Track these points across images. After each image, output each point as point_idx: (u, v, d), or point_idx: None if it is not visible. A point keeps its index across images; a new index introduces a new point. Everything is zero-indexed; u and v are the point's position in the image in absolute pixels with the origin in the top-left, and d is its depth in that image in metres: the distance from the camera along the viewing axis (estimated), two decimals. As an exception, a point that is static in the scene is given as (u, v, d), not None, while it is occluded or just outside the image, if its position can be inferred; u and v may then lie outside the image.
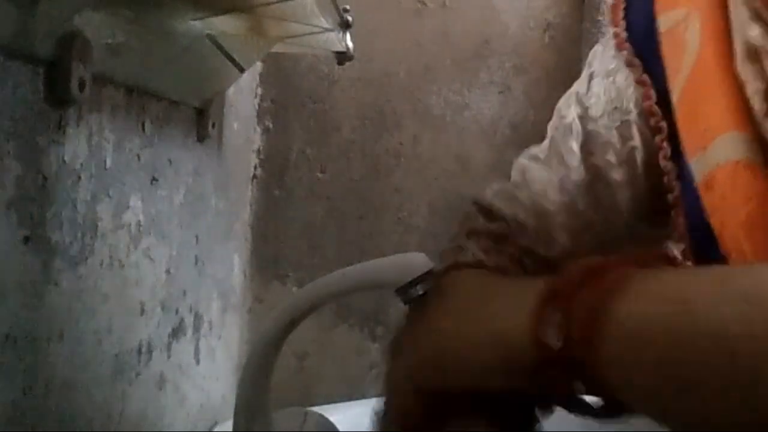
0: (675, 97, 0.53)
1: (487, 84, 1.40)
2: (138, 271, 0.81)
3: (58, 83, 0.61)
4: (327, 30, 0.89)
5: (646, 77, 0.56)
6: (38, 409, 0.63)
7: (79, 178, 0.68)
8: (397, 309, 0.55)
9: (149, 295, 0.85)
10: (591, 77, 0.60)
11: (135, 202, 0.80)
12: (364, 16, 1.24)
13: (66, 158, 0.65)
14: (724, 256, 0.47)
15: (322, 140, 1.38)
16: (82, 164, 0.68)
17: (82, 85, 0.63)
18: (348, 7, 0.91)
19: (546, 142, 0.62)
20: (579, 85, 0.62)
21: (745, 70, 0.48)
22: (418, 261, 0.55)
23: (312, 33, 0.90)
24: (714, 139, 0.48)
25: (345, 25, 0.92)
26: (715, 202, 0.48)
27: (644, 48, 0.56)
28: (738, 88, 0.48)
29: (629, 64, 0.57)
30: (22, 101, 0.58)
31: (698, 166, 0.50)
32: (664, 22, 0.55)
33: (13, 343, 0.59)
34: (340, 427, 0.64)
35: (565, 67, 1.37)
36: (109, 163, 0.73)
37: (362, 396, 1.14)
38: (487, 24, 1.40)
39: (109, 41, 0.68)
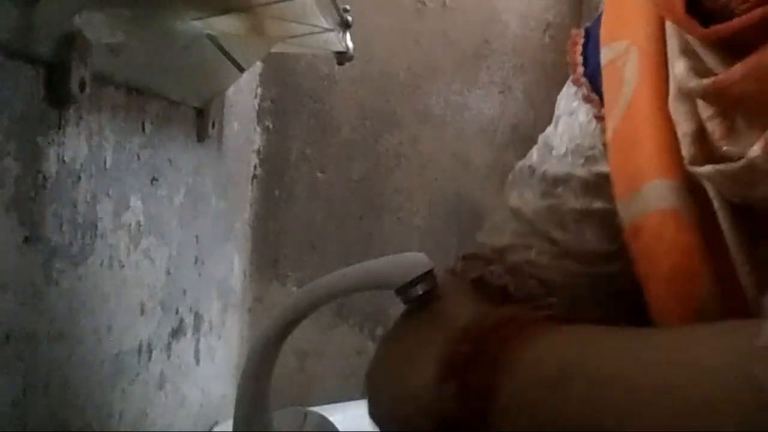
0: (608, 136, 0.51)
1: (487, 84, 1.40)
2: (138, 271, 0.81)
3: (58, 83, 0.61)
4: (327, 30, 0.89)
5: (604, 112, 0.54)
6: (38, 409, 0.63)
7: (79, 178, 0.68)
8: (397, 309, 0.55)
9: (149, 295, 0.85)
10: (557, 119, 0.60)
11: (135, 202, 0.80)
12: (364, 16, 1.24)
13: (66, 158, 0.65)
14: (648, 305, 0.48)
15: (322, 140, 1.38)
16: (82, 164, 0.68)
17: (82, 85, 0.63)
18: (348, 7, 0.91)
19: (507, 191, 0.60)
20: (548, 129, 0.60)
21: (676, 111, 0.46)
22: (418, 261, 0.55)
23: (312, 33, 0.90)
24: (642, 186, 0.48)
25: (345, 25, 0.92)
26: (641, 250, 0.48)
27: (601, 88, 0.55)
28: (670, 130, 0.47)
29: (587, 100, 0.56)
30: (22, 101, 0.58)
31: (626, 213, 0.49)
32: (605, 53, 0.53)
33: (14, 343, 0.59)
34: (340, 427, 0.64)
35: (565, 67, 1.36)
36: (109, 163, 0.73)
37: (362, 396, 1.14)
38: (487, 24, 1.40)
39: (109, 41, 0.68)
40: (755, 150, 0.41)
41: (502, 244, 0.57)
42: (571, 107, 0.58)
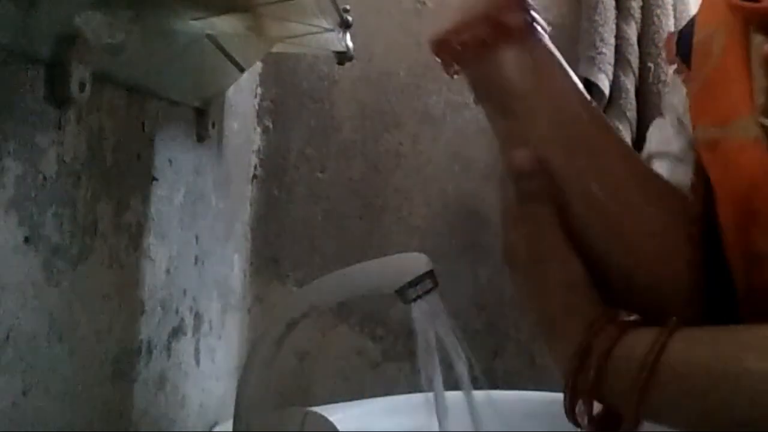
0: (696, 86, 0.56)
1: (487, 84, 1.40)
2: (138, 271, 0.81)
3: (58, 83, 0.61)
4: (327, 30, 0.89)
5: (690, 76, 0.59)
6: (38, 409, 0.63)
7: (79, 178, 0.68)
8: (398, 309, 0.55)
9: (149, 295, 0.85)
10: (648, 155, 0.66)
11: (135, 202, 0.80)
12: (364, 16, 1.24)
13: (66, 158, 0.65)
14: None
15: (322, 140, 1.38)
16: (82, 164, 0.68)
17: (82, 85, 0.63)
18: (348, 7, 0.91)
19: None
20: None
21: (757, 72, 0.51)
22: (418, 261, 0.55)
23: (312, 33, 0.90)
24: (735, 116, 0.52)
25: (345, 25, 0.92)
26: (720, 160, 0.52)
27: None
28: (750, 86, 0.52)
29: (678, 72, 0.61)
30: (22, 101, 0.58)
31: (705, 133, 0.54)
32: (697, 33, 0.59)
33: (13, 343, 0.59)
34: (340, 427, 0.64)
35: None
36: (109, 163, 0.73)
37: (362, 396, 1.14)
38: (487, 24, 1.40)
39: (109, 41, 0.68)
40: None
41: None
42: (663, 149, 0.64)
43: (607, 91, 1.30)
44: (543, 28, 0.56)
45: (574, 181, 0.54)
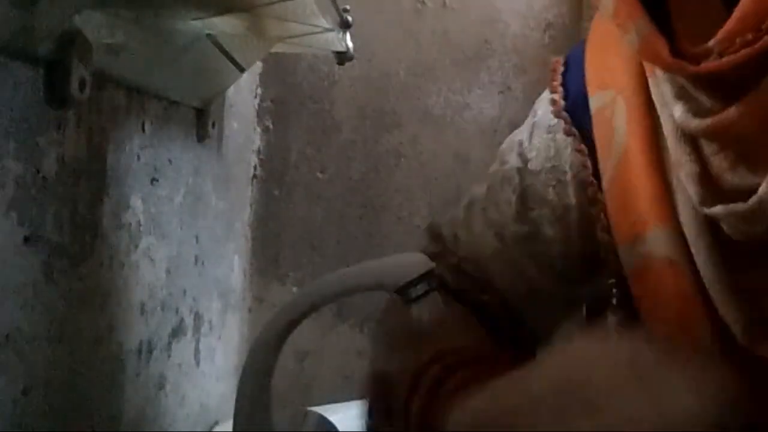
0: (605, 183, 0.55)
1: (487, 84, 1.40)
2: (138, 271, 0.81)
3: (58, 83, 0.61)
4: (327, 30, 0.89)
5: (583, 147, 0.57)
6: (38, 409, 0.63)
7: (79, 178, 0.68)
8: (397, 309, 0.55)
9: (149, 295, 0.85)
10: (533, 127, 0.62)
11: (135, 202, 0.80)
12: (364, 16, 1.24)
13: (66, 158, 0.65)
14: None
15: (322, 140, 1.38)
16: (82, 164, 0.68)
17: (82, 85, 0.63)
18: (348, 7, 0.91)
19: (484, 188, 0.64)
20: (522, 133, 0.63)
21: (677, 153, 0.49)
22: (418, 261, 0.55)
23: (312, 33, 0.90)
24: (646, 233, 0.51)
25: (345, 25, 0.92)
26: (647, 293, 0.52)
27: (581, 119, 0.57)
28: (663, 179, 0.50)
29: (567, 133, 0.58)
30: (22, 101, 0.58)
31: (628, 256, 0.53)
32: (594, 101, 0.56)
33: (13, 343, 0.59)
34: (340, 427, 0.64)
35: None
36: (109, 163, 0.73)
37: (362, 396, 1.14)
38: (487, 24, 1.40)
39: (109, 41, 0.68)
40: (764, 188, 0.43)
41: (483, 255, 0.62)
42: (549, 123, 0.60)
43: (607, 91, 1.30)
44: None
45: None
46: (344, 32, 0.93)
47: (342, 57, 1.00)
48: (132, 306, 0.81)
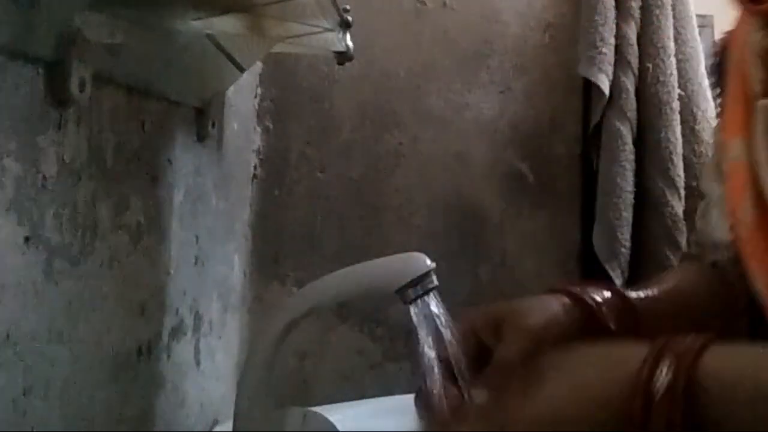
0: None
1: (488, 84, 1.40)
2: (138, 271, 0.81)
3: (58, 83, 0.61)
4: (327, 30, 0.89)
5: None
6: (38, 409, 0.63)
7: (79, 178, 0.68)
8: (397, 309, 0.55)
9: (149, 295, 0.85)
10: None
11: (135, 202, 0.80)
12: (364, 16, 1.24)
13: (66, 158, 0.65)
14: None
15: (322, 140, 1.38)
16: (82, 164, 0.68)
17: (82, 85, 0.63)
18: (348, 7, 0.91)
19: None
20: None
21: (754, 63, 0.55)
22: (418, 261, 0.55)
23: (312, 33, 0.90)
24: (730, 139, 0.56)
25: (345, 25, 0.92)
26: (729, 192, 0.56)
27: None
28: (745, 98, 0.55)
29: None
30: (22, 101, 0.58)
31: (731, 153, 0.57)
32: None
33: (13, 343, 0.59)
34: (340, 427, 0.64)
35: (565, 67, 1.36)
36: (109, 163, 0.73)
37: (362, 396, 1.14)
38: (487, 24, 1.40)
39: (109, 41, 0.68)
40: None
41: None
42: None
43: (607, 91, 1.30)
44: None
45: None
46: (344, 32, 0.93)
47: (342, 57, 1.00)
48: (132, 306, 0.81)
